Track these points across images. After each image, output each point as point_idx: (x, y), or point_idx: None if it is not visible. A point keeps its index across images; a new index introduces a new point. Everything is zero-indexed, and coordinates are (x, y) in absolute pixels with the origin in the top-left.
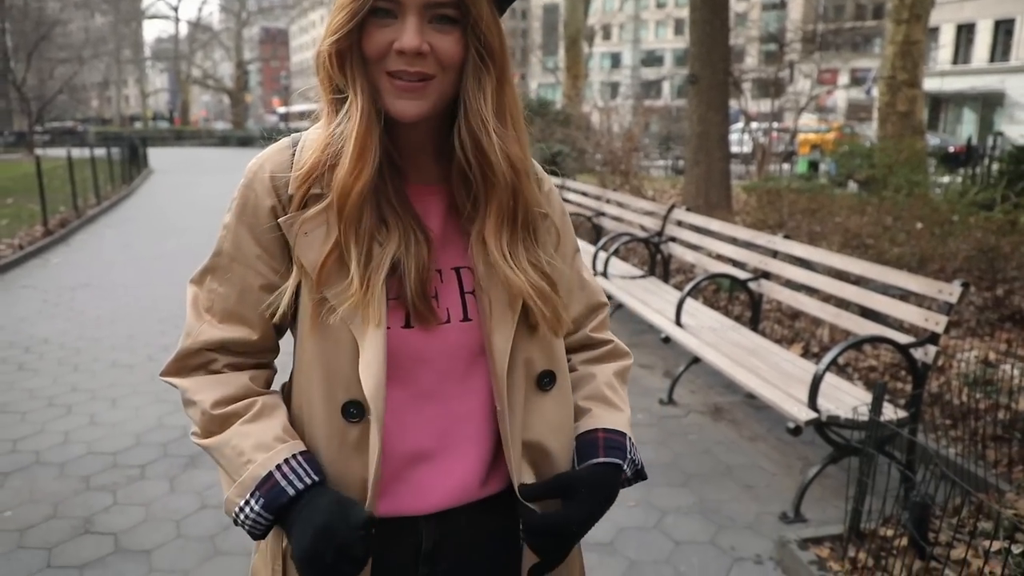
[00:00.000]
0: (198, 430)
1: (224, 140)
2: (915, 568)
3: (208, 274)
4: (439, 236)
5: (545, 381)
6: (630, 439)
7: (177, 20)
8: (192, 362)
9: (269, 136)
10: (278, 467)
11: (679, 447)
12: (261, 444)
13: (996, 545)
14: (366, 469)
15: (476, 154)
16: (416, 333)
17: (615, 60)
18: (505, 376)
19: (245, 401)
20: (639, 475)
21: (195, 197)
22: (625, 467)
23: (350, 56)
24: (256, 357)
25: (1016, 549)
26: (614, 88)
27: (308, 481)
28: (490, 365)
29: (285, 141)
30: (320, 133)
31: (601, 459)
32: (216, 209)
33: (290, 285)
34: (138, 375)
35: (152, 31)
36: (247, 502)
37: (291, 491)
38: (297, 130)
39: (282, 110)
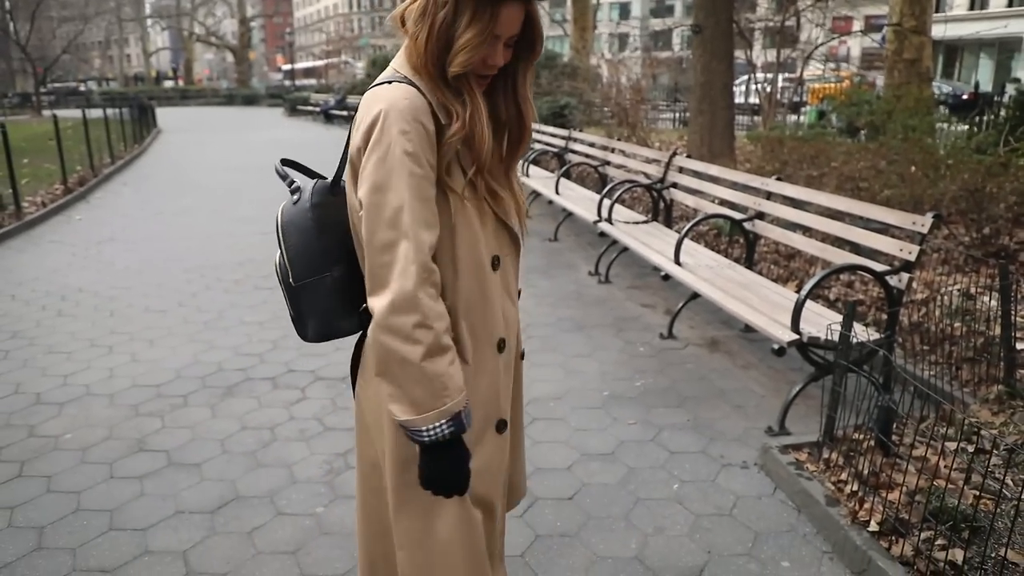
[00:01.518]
0: (425, 348)
1: (229, 99)
2: (879, 464)
3: (409, 193)
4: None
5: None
6: None
7: None
8: (426, 272)
9: (277, 94)
10: (465, 408)
11: (677, 375)
12: (457, 388)
13: (953, 446)
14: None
15: (516, 118)
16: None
17: (623, 11)
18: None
19: (449, 341)
20: None
21: (207, 155)
22: None
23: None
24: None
25: (970, 448)
26: (623, 39)
27: (469, 420)
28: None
29: (403, 89)
30: (419, 93)
31: None
32: (230, 166)
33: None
34: (171, 319)
35: None
36: (440, 425)
37: (467, 424)
38: (302, 88)
39: (287, 67)
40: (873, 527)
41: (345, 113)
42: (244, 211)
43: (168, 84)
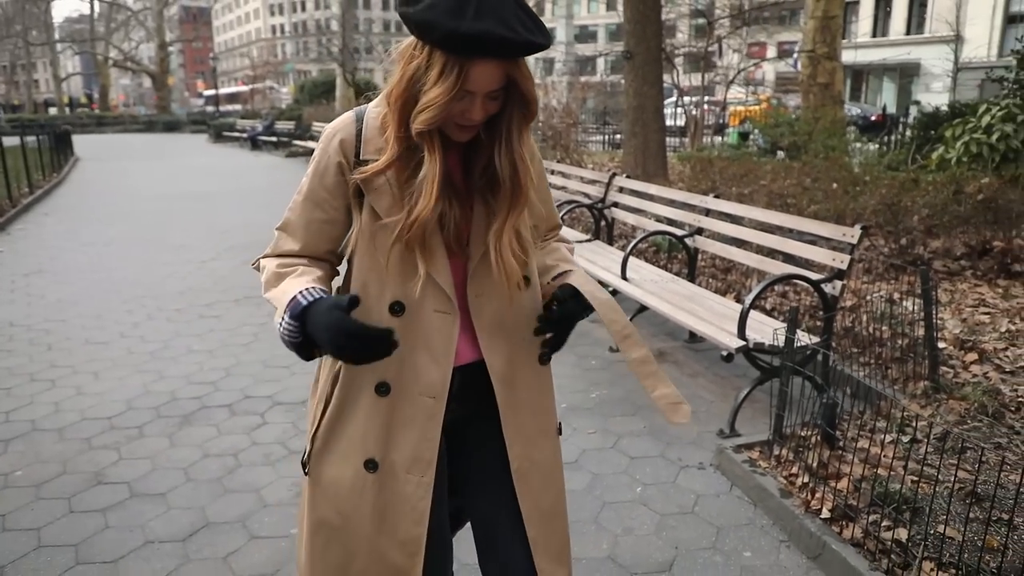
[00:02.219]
0: (264, 285)
1: (149, 125)
2: (825, 456)
3: (289, 207)
4: (458, 185)
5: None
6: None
7: None
8: (262, 262)
9: (200, 120)
10: (299, 291)
11: (629, 385)
12: (298, 284)
13: (890, 437)
14: (438, 352)
15: (509, 176)
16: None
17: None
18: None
19: (295, 266)
20: (588, 308)
21: (132, 183)
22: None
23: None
24: (313, 266)
25: (905, 438)
26: (549, 64)
27: (317, 295)
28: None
29: (351, 115)
30: (378, 116)
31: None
32: (158, 195)
33: (364, 215)
34: (114, 350)
35: (62, 11)
36: (283, 317)
37: (304, 301)
38: (226, 114)
39: (209, 92)
40: (825, 514)
41: (274, 139)
42: (178, 239)
43: (81, 110)
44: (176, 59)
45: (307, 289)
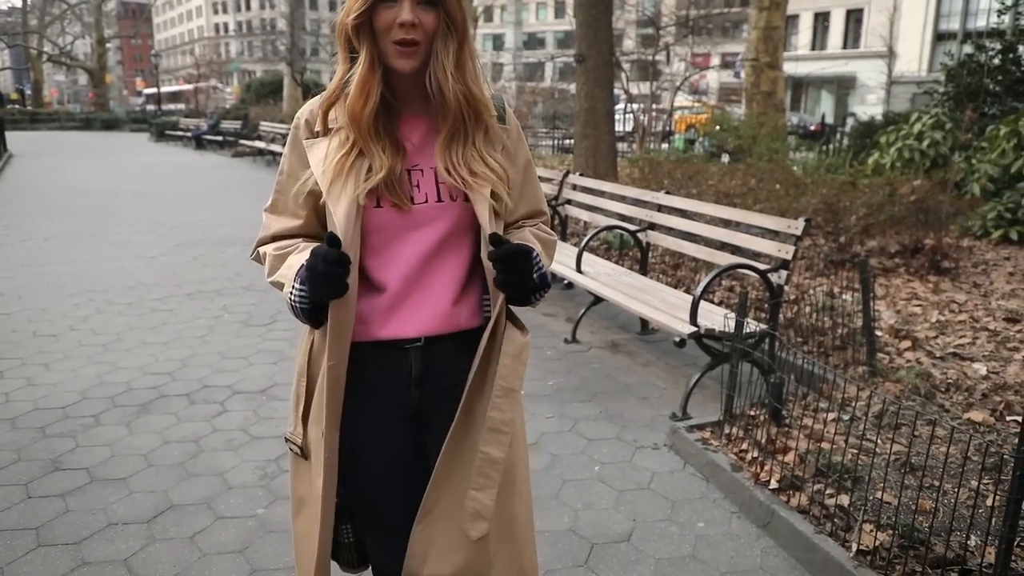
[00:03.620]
0: (267, 270)
1: (87, 123)
2: (773, 433)
3: (274, 188)
4: (417, 145)
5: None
6: (537, 255)
7: None
8: (261, 250)
9: (141, 119)
10: (306, 260)
11: (584, 373)
12: (301, 257)
13: (832, 416)
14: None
15: (438, 92)
16: (388, 211)
17: (497, 42)
18: (488, 234)
19: (293, 243)
20: (543, 280)
21: (72, 180)
22: (535, 256)
23: (362, 29)
24: (307, 241)
25: (846, 416)
26: (499, 69)
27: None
28: (482, 229)
29: (316, 99)
30: (332, 83)
31: (524, 244)
32: (101, 191)
33: (309, 180)
34: (64, 343)
35: None
36: (294, 286)
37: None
38: (169, 113)
39: (150, 91)
40: (773, 485)
41: (220, 139)
42: (124, 235)
43: (13, 107)
44: (114, 56)
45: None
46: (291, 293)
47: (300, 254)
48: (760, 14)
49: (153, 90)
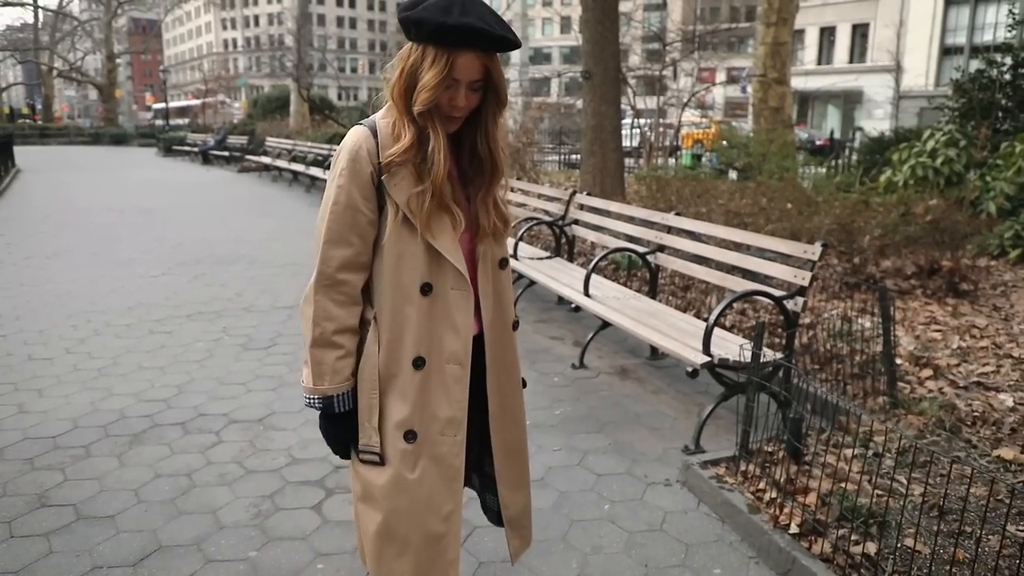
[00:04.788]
0: (313, 339)
1: (96, 138)
2: (792, 471)
3: (326, 218)
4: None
5: (502, 263)
6: None
7: (36, 8)
8: (327, 280)
9: (149, 134)
10: (339, 395)
11: (593, 402)
12: (334, 377)
13: (853, 452)
14: (458, 323)
15: (491, 159)
16: (465, 234)
17: (503, 57)
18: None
19: (342, 339)
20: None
21: (78, 196)
22: None
23: (431, 111)
24: (364, 270)
25: (869, 452)
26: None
27: (348, 408)
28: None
29: (364, 129)
30: (388, 124)
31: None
32: (106, 207)
33: (389, 214)
34: (59, 367)
35: (3, 19)
36: (316, 399)
37: (339, 409)
38: (177, 128)
39: (159, 106)
40: (793, 530)
41: (227, 154)
42: (126, 254)
43: (23, 121)
44: (124, 71)
45: (345, 394)
46: (310, 399)
47: (342, 368)
48: (767, 29)
49: (162, 105)
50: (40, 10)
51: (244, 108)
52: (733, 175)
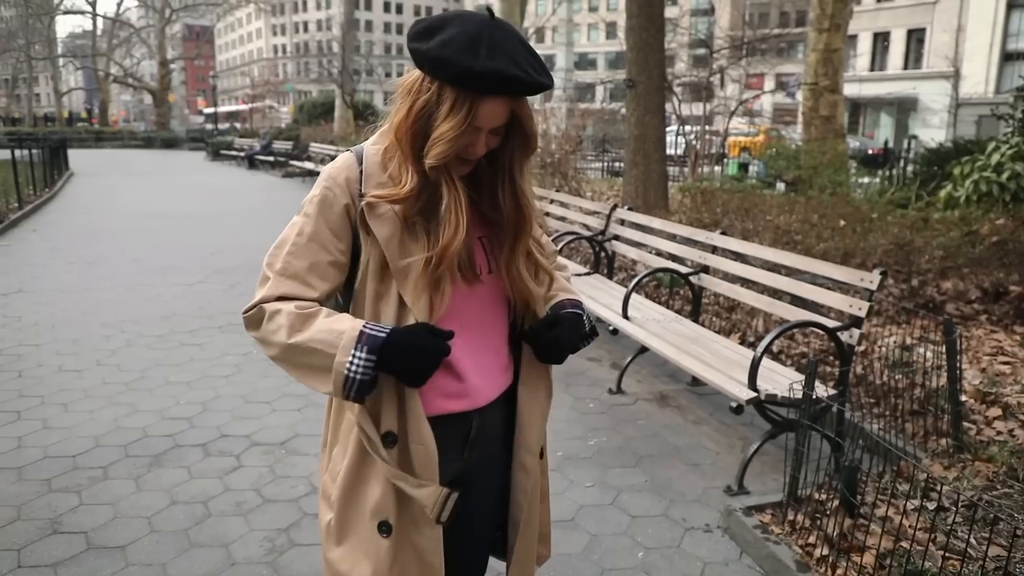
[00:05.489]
0: (286, 330)
1: (148, 141)
2: (847, 526)
3: (285, 247)
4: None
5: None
6: (584, 306)
7: (95, 16)
8: (268, 307)
9: (198, 138)
10: (365, 326)
11: (629, 431)
12: (346, 322)
13: (913, 504)
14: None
15: (516, 214)
16: (458, 285)
17: (549, 63)
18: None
19: (318, 307)
20: (594, 331)
21: (125, 200)
22: (584, 317)
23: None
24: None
25: (931, 505)
26: (548, 91)
27: (388, 330)
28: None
29: (351, 156)
30: (378, 152)
31: (569, 309)
32: (149, 212)
33: (364, 258)
34: (88, 380)
35: (65, 26)
36: (355, 354)
37: (382, 334)
38: (225, 133)
39: (209, 110)
40: None
41: (271, 159)
42: (167, 260)
43: (81, 125)
44: (178, 76)
45: (369, 324)
46: (350, 362)
47: (339, 317)
48: (819, 36)
49: (212, 110)
50: (99, 17)
51: (291, 112)
52: (781, 186)
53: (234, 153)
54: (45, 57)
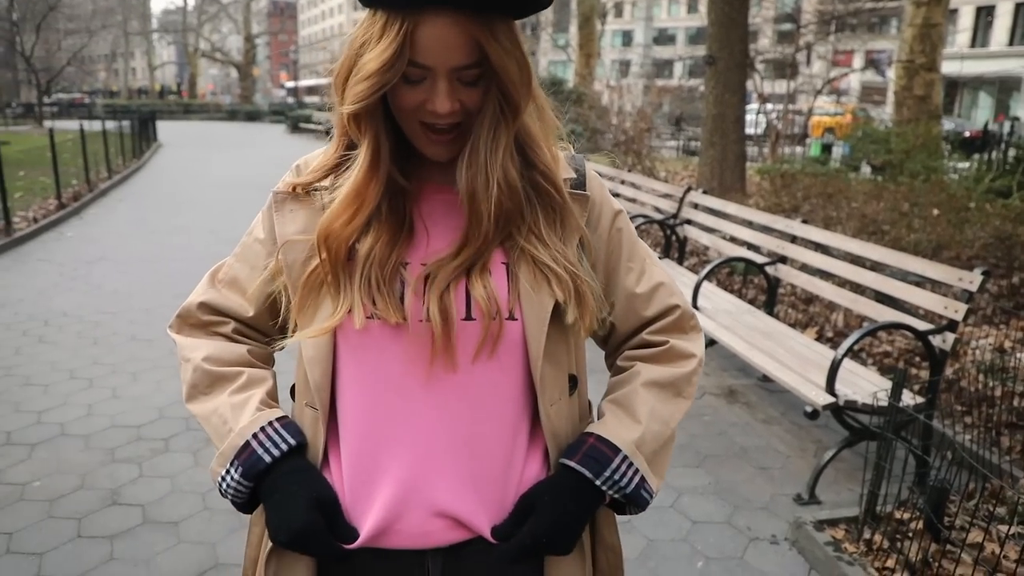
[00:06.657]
0: (187, 388)
1: (232, 114)
2: (931, 551)
3: (234, 251)
4: (434, 231)
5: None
6: (626, 459)
7: None
8: (192, 320)
9: (280, 111)
10: (255, 435)
11: (694, 428)
12: (243, 413)
13: (1011, 530)
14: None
15: (471, 197)
16: (379, 326)
17: (627, 38)
18: (540, 371)
19: (236, 369)
20: (633, 502)
21: (207, 171)
22: (599, 483)
23: (368, 114)
24: (255, 335)
25: None
26: (626, 66)
27: (284, 448)
28: (531, 359)
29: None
30: (324, 156)
31: (571, 464)
32: (229, 183)
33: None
34: (157, 349)
35: (159, 2)
36: (228, 471)
37: (267, 459)
38: (305, 105)
39: (290, 84)
40: None
41: None
42: (238, 231)
43: (172, 97)
44: (262, 51)
45: (265, 431)
46: (222, 477)
47: (243, 399)
48: (917, 10)
49: (293, 84)
50: None
51: None
52: (867, 170)
53: (313, 127)
54: (140, 32)
